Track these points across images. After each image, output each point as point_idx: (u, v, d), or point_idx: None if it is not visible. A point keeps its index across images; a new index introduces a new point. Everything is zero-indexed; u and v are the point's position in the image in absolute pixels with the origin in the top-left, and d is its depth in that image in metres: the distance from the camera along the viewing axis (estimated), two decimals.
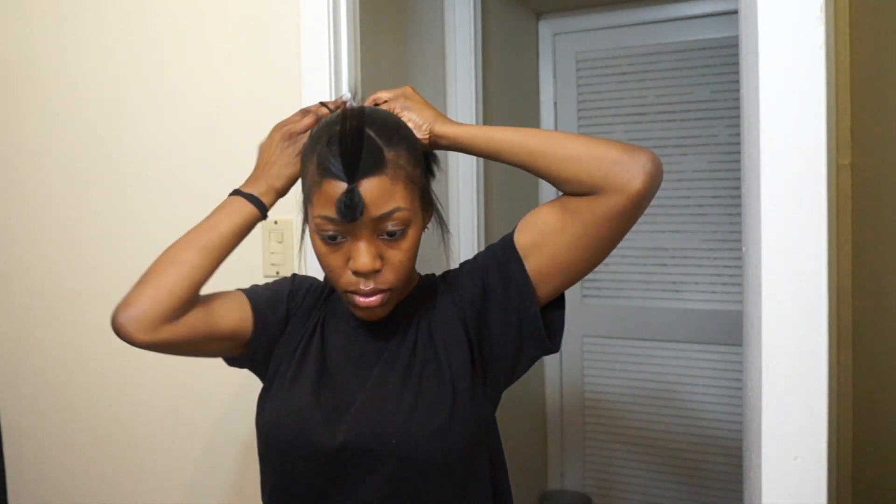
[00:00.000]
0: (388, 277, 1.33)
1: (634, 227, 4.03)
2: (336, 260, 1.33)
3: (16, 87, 2.56)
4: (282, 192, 1.54)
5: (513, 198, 3.68)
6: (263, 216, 1.53)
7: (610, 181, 1.32)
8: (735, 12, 1.59)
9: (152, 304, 1.46)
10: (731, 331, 3.72)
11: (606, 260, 1.44)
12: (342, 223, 1.27)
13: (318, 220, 1.31)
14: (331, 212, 1.28)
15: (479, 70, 3.10)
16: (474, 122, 3.09)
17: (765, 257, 1.38)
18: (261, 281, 2.21)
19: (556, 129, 4.09)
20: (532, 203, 4.05)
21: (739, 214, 1.65)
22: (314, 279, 1.68)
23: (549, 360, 4.22)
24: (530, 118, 4.05)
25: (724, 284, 3.82)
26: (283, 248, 2.15)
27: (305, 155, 1.39)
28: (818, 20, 1.32)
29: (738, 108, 1.56)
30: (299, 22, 2.10)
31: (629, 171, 1.33)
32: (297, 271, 2.16)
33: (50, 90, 2.49)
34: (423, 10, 2.92)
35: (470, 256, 2.96)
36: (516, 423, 3.71)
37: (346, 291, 1.35)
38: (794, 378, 1.37)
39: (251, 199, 1.52)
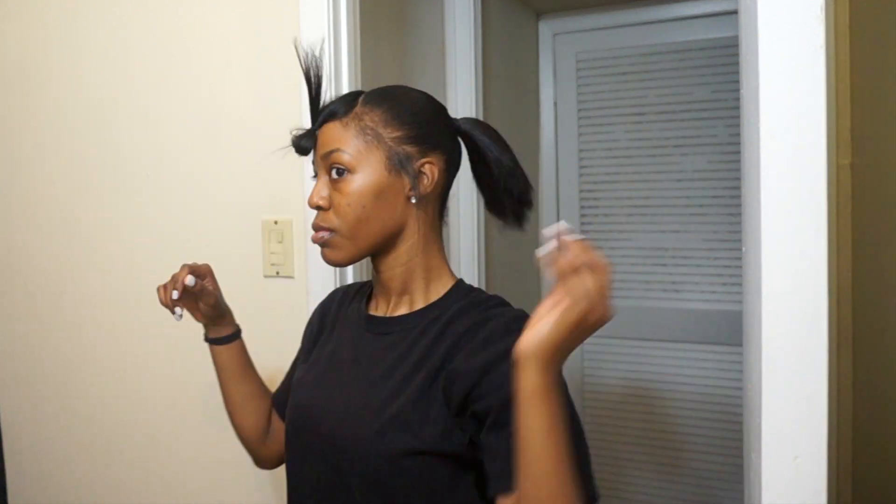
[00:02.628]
0: (330, 218, 1.41)
1: (635, 227, 4.02)
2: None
3: (21, 85, 2.56)
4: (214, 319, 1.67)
5: None
6: (218, 342, 1.68)
7: None
8: (735, 12, 1.60)
9: (245, 445, 1.72)
10: (731, 331, 3.73)
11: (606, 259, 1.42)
12: (312, 159, 1.46)
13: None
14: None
15: (479, 70, 3.10)
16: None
17: (765, 257, 1.38)
18: (260, 281, 2.22)
19: (555, 129, 4.10)
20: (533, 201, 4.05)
21: (739, 214, 1.66)
22: (348, 287, 1.75)
23: None
24: (530, 118, 4.05)
25: (724, 284, 3.82)
26: (283, 248, 2.16)
27: None
28: (818, 21, 1.32)
29: (738, 107, 1.56)
30: (299, 24, 2.10)
31: None
32: (296, 272, 2.16)
33: (54, 89, 2.50)
34: (422, 10, 2.93)
35: (470, 255, 2.95)
36: None
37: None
38: (793, 378, 1.38)
39: (210, 341, 1.68)
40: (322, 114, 1.44)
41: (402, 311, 1.49)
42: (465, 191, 3.10)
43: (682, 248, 3.89)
